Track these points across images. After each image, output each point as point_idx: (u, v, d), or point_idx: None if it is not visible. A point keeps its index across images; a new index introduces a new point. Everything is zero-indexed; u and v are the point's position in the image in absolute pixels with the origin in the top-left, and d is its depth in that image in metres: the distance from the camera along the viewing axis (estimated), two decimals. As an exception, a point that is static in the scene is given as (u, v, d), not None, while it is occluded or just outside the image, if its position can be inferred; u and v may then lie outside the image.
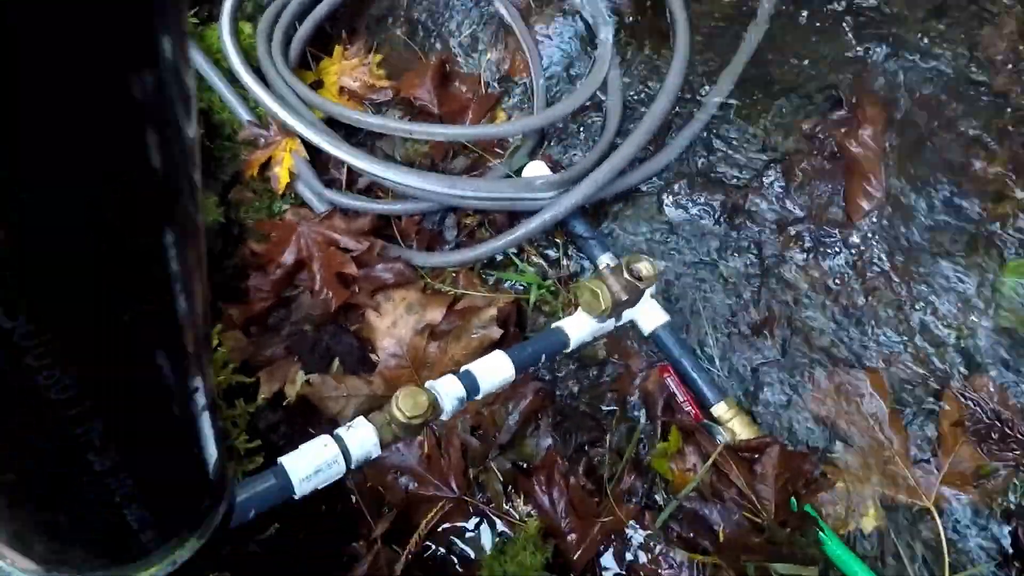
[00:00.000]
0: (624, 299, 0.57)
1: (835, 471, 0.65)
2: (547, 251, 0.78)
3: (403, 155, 0.84)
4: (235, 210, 0.80)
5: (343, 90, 0.89)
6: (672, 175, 0.77)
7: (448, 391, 0.53)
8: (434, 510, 0.65)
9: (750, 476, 0.62)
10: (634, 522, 0.65)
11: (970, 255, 0.70)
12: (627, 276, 0.57)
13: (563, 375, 0.72)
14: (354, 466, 0.47)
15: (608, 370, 0.73)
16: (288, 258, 0.71)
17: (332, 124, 0.82)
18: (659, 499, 0.67)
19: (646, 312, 0.69)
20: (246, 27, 0.88)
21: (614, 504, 0.65)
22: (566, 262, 0.77)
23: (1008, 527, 0.63)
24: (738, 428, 0.66)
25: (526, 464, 0.68)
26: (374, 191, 0.82)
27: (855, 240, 0.71)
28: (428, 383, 0.53)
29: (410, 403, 0.48)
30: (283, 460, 0.45)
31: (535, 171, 0.77)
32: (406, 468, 0.66)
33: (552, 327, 0.63)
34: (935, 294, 0.70)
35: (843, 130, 0.74)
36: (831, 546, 0.61)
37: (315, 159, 0.83)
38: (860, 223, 0.71)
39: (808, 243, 0.72)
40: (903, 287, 0.70)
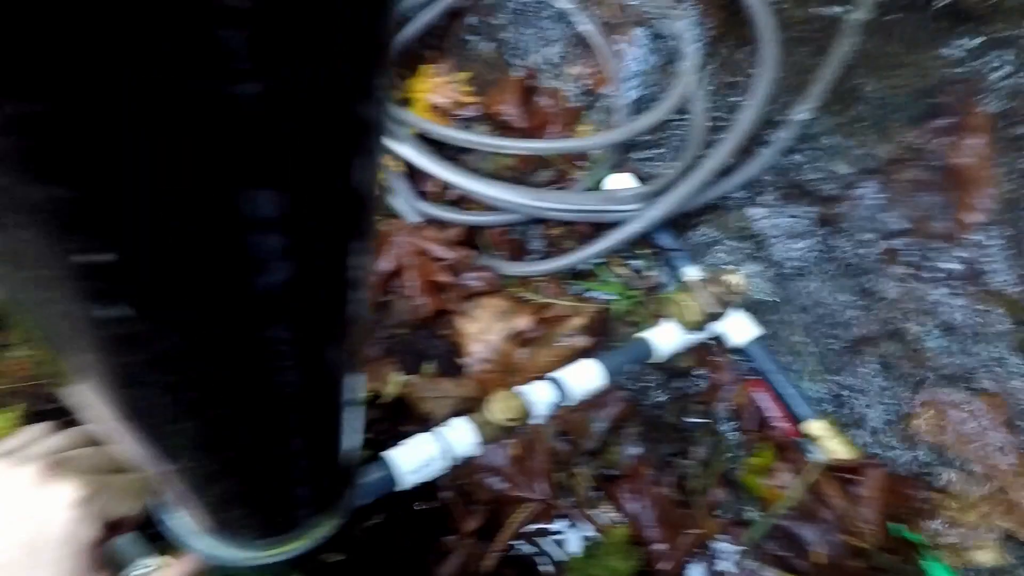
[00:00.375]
0: (714, 311, 0.57)
1: (945, 499, 0.62)
2: (631, 262, 0.79)
3: (490, 168, 0.87)
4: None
5: (432, 107, 0.93)
6: (762, 186, 0.77)
7: (540, 396, 0.54)
8: (522, 510, 0.67)
9: (850, 498, 0.61)
10: (723, 536, 0.64)
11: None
12: (717, 288, 0.57)
13: (649, 385, 0.73)
14: (455, 463, 0.49)
15: (695, 382, 0.72)
16: (385, 266, 0.75)
17: (422, 140, 0.86)
18: (748, 515, 0.66)
19: (736, 325, 0.69)
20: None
21: (703, 516, 0.64)
22: (651, 273, 0.77)
23: None
24: (834, 447, 0.64)
25: (613, 471, 0.68)
26: (463, 203, 0.85)
27: (964, 254, 0.68)
28: (521, 387, 0.55)
29: (505, 406, 0.50)
30: (391, 453, 0.48)
31: (620, 183, 0.78)
32: (495, 469, 0.68)
33: (639, 337, 0.63)
34: (1052, 310, 0.66)
35: (947, 139, 0.71)
36: None
37: (408, 173, 0.87)
38: (968, 236, 0.68)
39: (911, 257, 0.70)
40: (1021, 305, 0.66)
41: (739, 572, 0.62)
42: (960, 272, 0.68)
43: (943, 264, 0.69)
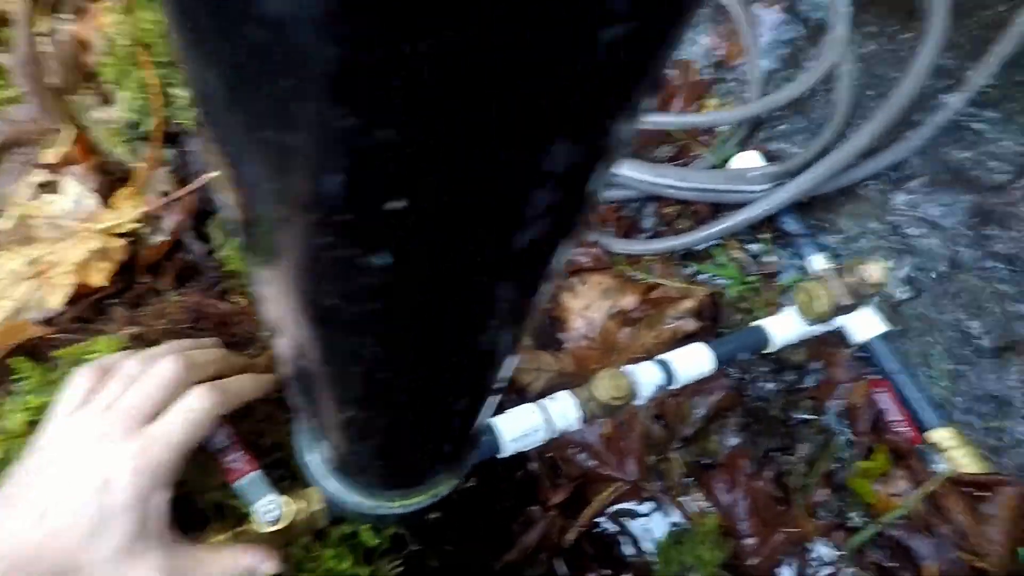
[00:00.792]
0: (846, 304, 0.53)
1: (1089, 530, 0.56)
2: (750, 245, 0.75)
3: (607, 140, 0.85)
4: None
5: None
6: (910, 171, 0.70)
7: (647, 377, 0.54)
8: (609, 489, 0.67)
9: (973, 515, 0.56)
10: (823, 539, 0.61)
11: None
12: (852, 279, 0.53)
13: (756, 376, 0.70)
14: (555, 436, 0.50)
15: (808, 376, 0.68)
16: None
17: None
18: (854, 521, 0.62)
19: (860, 319, 0.64)
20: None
21: (802, 516, 0.61)
22: (771, 259, 0.73)
23: None
24: (962, 459, 0.59)
25: (709, 460, 0.67)
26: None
27: None
28: (627, 367, 0.55)
29: (613, 384, 0.50)
30: (495, 421, 0.50)
31: (747, 162, 0.74)
32: (586, 445, 0.68)
33: (754, 325, 0.61)
34: None
35: None
36: (1073, 614, 0.53)
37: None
38: None
39: (1082, 260, 0.61)
40: None
41: (837, 578, 0.60)
42: None
43: None
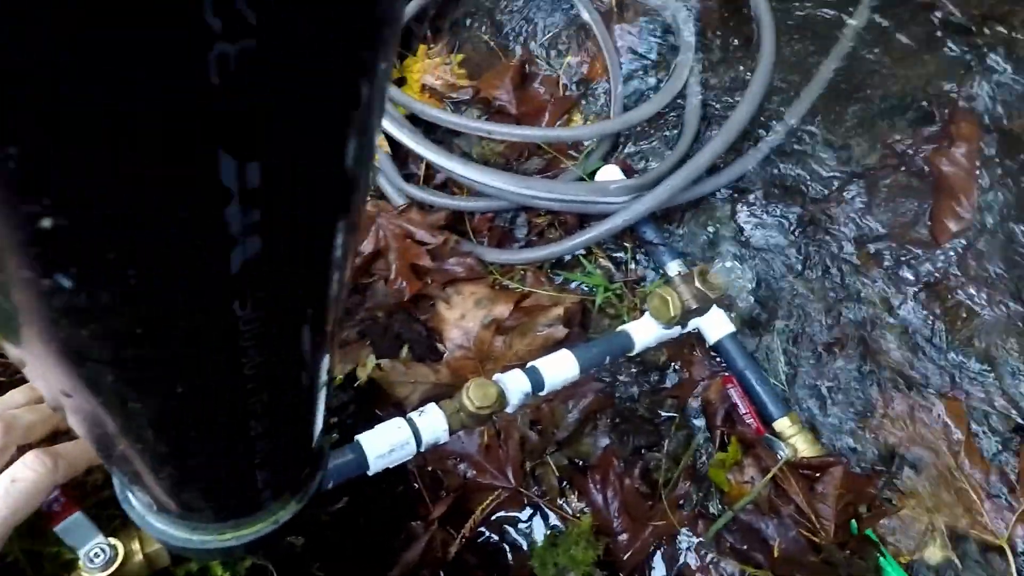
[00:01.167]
0: (694, 308, 0.57)
1: (901, 498, 0.63)
2: (615, 254, 0.79)
3: (479, 153, 0.87)
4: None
5: (424, 88, 0.92)
6: (748, 184, 0.77)
7: (515, 385, 0.55)
8: (490, 498, 0.68)
9: (810, 494, 0.62)
10: (687, 529, 0.65)
11: (1066, 285, 0.67)
12: (698, 285, 0.57)
13: (624, 378, 0.73)
14: (423, 449, 0.50)
15: (669, 376, 0.73)
16: (366, 247, 0.75)
17: (412, 120, 0.86)
18: (713, 509, 0.67)
19: (712, 321, 0.69)
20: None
21: (667, 509, 0.65)
22: (634, 266, 0.78)
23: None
24: (801, 445, 0.65)
25: (582, 462, 0.69)
26: (450, 187, 0.85)
27: (939, 263, 0.69)
28: (496, 376, 0.55)
29: (480, 394, 0.50)
30: (360, 438, 0.48)
31: (609, 175, 0.78)
32: (466, 456, 0.68)
33: (618, 330, 0.64)
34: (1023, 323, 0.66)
35: (933, 147, 0.72)
36: (891, 574, 0.60)
37: (395, 153, 0.87)
38: (946, 245, 0.69)
39: (888, 262, 0.70)
40: (989, 315, 0.67)
41: (700, 563, 0.64)
42: (934, 279, 0.69)
43: (919, 270, 0.69)
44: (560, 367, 0.57)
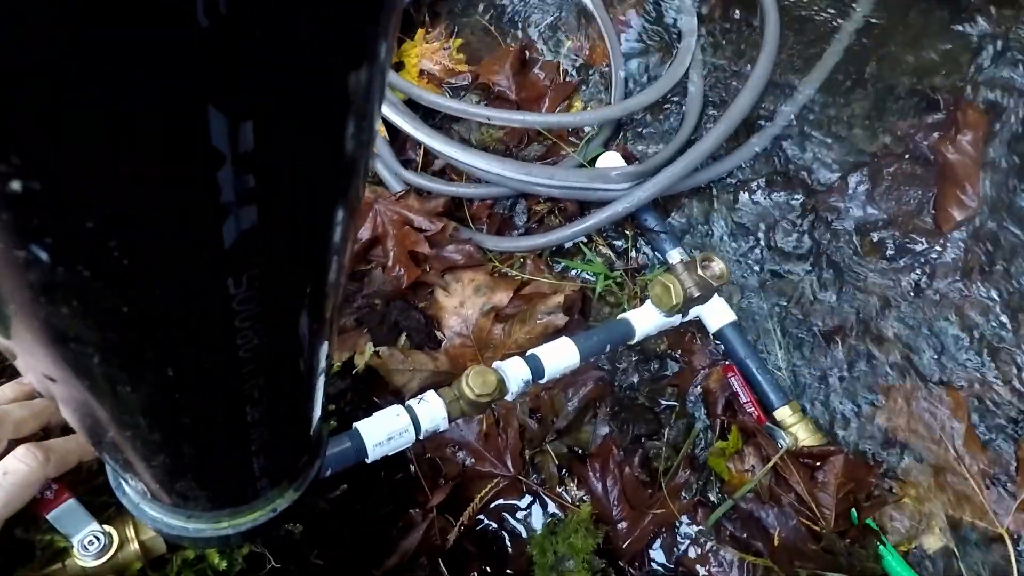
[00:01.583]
0: (696, 296, 0.57)
1: (902, 486, 0.63)
2: (616, 242, 0.78)
3: (478, 139, 0.86)
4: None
5: (423, 73, 0.91)
6: (751, 172, 0.76)
7: (515, 373, 0.54)
8: (489, 486, 0.67)
9: (811, 483, 0.62)
10: (686, 517, 0.65)
11: (1069, 274, 0.66)
12: (700, 273, 0.56)
13: (624, 366, 0.73)
14: (422, 437, 0.49)
15: (669, 365, 0.72)
16: (364, 234, 0.74)
17: (410, 106, 0.84)
18: (713, 497, 0.67)
19: (713, 309, 0.69)
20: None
21: (667, 497, 0.65)
22: (634, 254, 0.77)
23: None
24: (801, 434, 0.65)
25: (582, 450, 0.69)
26: (448, 174, 0.84)
27: (943, 251, 0.68)
28: (496, 364, 0.55)
29: (479, 381, 0.50)
30: (359, 425, 0.48)
31: (609, 162, 0.77)
32: (464, 444, 0.68)
33: (618, 318, 0.63)
34: (1026, 312, 0.66)
35: (938, 134, 0.71)
36: (890, 562, 0.60)
37: (393, 139, 0.85)
38: (950, 234, 0.68)
39: (891, 251, 0.70)
40: (991, 305, 0.67)
41: (699, 552, 0.64)
42: (937, 268, 0.68)
43: (921, 258, 0.69)
44: (560, 355, 0.57)
